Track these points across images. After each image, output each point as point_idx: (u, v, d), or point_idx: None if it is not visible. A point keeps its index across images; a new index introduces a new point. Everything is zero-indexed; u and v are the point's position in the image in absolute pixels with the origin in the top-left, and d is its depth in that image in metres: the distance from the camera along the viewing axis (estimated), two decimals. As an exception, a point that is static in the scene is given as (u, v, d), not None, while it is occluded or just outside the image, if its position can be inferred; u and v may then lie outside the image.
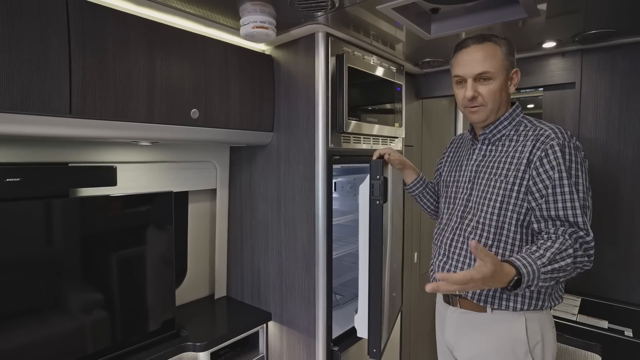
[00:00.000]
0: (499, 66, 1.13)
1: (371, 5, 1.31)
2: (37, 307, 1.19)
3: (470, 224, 1.19)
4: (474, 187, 1.21)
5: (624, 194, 1.74)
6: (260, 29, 1.36)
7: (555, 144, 1.07)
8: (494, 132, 1.21)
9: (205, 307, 1.86)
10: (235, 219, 1.92)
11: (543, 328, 1.13)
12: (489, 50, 1.14)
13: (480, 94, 1.15)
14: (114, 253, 1.37)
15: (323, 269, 1.57)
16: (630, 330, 1.49)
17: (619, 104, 1.74)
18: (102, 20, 1.15)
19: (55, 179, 1.26)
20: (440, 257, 1.28)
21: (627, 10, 1.39)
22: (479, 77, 1.14)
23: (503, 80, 1.15)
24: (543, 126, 1.14)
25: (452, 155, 1.41)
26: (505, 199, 1.12)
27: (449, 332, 1.27)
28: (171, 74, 1.33)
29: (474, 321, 1.19)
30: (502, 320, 1.14)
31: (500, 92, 1.15)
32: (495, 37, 1.16)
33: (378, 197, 1.35)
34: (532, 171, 1.09)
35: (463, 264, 1.20)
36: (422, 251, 2.50)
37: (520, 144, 1.14)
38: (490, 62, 1.13)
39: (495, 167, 1.17)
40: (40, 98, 1.03)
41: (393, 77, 1.93)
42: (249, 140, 1.65)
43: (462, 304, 1.21)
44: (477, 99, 1.16)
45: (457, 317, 1.23)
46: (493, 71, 1.13)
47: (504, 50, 1.14)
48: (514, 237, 1.13)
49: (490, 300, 1.14)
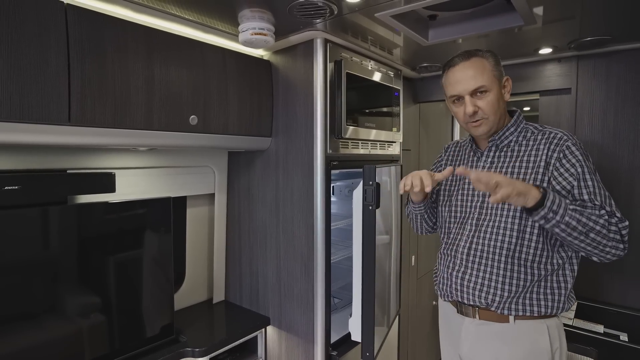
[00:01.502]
0: (491, 78, 1.16)
1: (370, 12, 1.32)
2: (35, 315, 1.19)
3: (487, 229, 1.18)
4: (487, 194, 1.19)
5: (618, 198, 1.75)
6: (259, 35, 1.36)
7: (571, 144, 1.12)
8: (502, 138, 1.22)
9: (204, 311, 1.86)
10: (233, 224, 1.93)
11: (560, 333, 1.15)
12: (477, 64, 1.16)
13: (480, 108, 1.16)
14: (113, 259, 1.37)
15: (321, 273, 1.57)
16: (625, 335, 1.51)
17: (614, 110, 1.75)
18: (100, 28, 1.15)
19: (53, 187, 1.26)
20: (457, 267, 1.24)
21: (622, 18, 1.41)
22: (475, 92, 1.16)
23: (498, 90, 1.17)
24: (551, 130, 1.18)
25: (450, 162, 1.41)
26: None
27: (465, 345, 1.22)
28: (170, 81, 1.33)
29: (494, 332, 1.16)
30: (526, 330, 1.13)
31: (498, 102, 1.17)
32: (480, 51, 1.19)
33: (371, 203, 1.36)
34: (552, 172, 1.12)
35: (484, 272, 1.18)
36: (419, 254, 2.51)
37: (533, 148, 1.17)
38: (482, 76, 1.15)
39: (510, 173, 1.18)
40: (38, 106, 1.03)
41: (391, 82, 1.94)
42: (247, 145, 1.66)
43: (482, 315, 1.19)
44: (478, 114, 1.17)
45: (474, 328, 1.20)
46: (487, 84, 1.15)
47: (491, 62, 1.17)
48: (537, 239, 1.13)
49: (515, 308, 1.13)
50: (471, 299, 1.20)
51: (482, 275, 1.18)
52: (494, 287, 1.16)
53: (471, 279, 1.20)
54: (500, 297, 1.15)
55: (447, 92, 1.24)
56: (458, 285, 1.23)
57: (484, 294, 1.17)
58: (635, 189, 1.72)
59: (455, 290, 1.24)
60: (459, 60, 1.18)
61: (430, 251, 2.63)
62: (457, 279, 1.23)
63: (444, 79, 1.24)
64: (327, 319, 1.59)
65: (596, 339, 1.51)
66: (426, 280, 2.60)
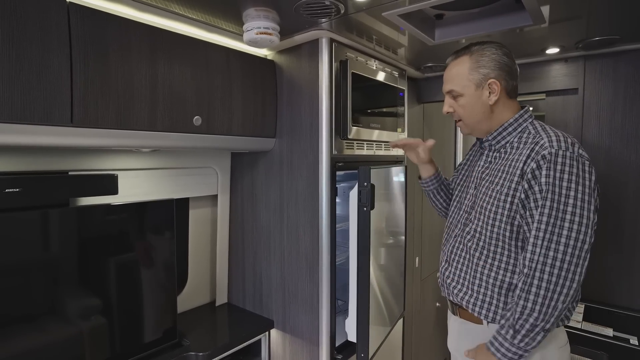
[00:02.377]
0: (464, 81, 1.15)
1: (377, 11, 1.30)
2: (36, 318, 1.17)
3: (470, 231, 1.19)
4: (477, 195, 1.19)
5: (627, 199, 1.74)
6: (264, 35, 1.34)
7: (547, 154, 1.01)
8: (498, 138, 1.18)
9: (207, 314, 1.83)
10: (236, 225, 1.90)
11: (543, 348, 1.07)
12: (457, 66, 1.17)
13: (455, 110, 1.21)
14: (115, 261, 1.35)
15: (326, 276, 1.55)
16: (635, 339, 1.48)
17: (622, 110, 1.74)
18: (103, 27, 1.13)
19: (55, 189, 1.23)
20: (444, 264, 1.29)
21: (631, 17, 1.39)
22: (450, 94, 1.20)
23: (473, 94, 1.15)
24: (543, 134, 1.07)
25: (469, 160, 1.39)
26: (499, 209, 1.09)
27: (451, 340, 1.30)
28: (174, 81, 1.31)
29: (471, 332, 1.20)
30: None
31: (473, 106, 1.16)
32: (475, 45, 1.16)
33: (365, 204, 1.35)
34: (524, 184, 1.04)
35: (460, 271, 1.21)
36: (423, 256, 2.49)
37: (517, 153, 1.10)
38: (454, 80, 1.17)
39: (494, 176, 1.15)
40: (41, 107, 1.01)
41: (395, 82, 1.92)
42: (251, 146, 1.64)
43: (462, 314, 1.22)
44: (453, 114, 1.22)
45: (458, 326, 1.25)
46: (458, 89, 1.17)
47: (471, 63, 1.14)
48: (509, 248, 1.10)
49: (485, 313, 1.14)
50: (452, 297, 1.24)
51: (459, 274, 1.21)
52: (469, 288, 1.18)
53: (451, 276, 1.24)
54: (474, 298, 1.16)
55: None
56: (443, 282, 1.28)
57: (461, 294, 1.20)
58: (644, 190, 1.71)
59: (442, 287, 1.30)
60: (450, 58, 1.21)
61: (434, 253, 2.61)
62: (442, 275, 1.29)
63: None
64: (332, 321, 1.58)
65: (606, 342, 1.49)
66: (430, 281, 2.58)
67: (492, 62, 1.13)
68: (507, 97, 1.17)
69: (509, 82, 1.15)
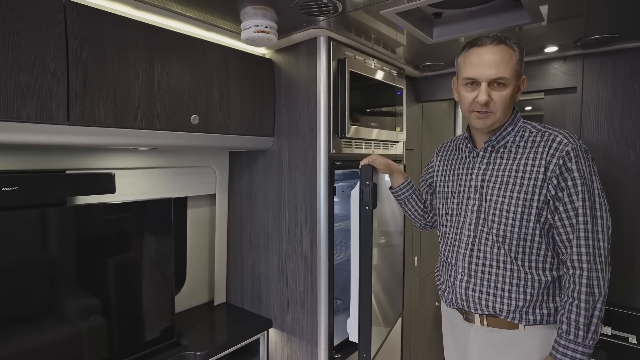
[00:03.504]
0: (513, 72, 1.08)
1: (374, 10, 1.29)
2: (34, 318, 1.16)
3: (489, 237, 1.14)
4: (484, 198, 1.16)
5: (626, 198, 1.74)
6: (262, 33, 1.34)
7: (571, 150, 1.05)
8: (499, 138, 1.16)
9: (205, 314, 1.83)
10: (235, 225, 1.90)
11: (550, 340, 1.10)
12: (505, 53, 1.07)
13: (493, 100, 1.09)
14: (112, 261, 1.35)
15: (325, 275, 1.55)
16: (634, 337, 1.48)
17: (621, 109, 1.73)
18: (100, 25, 1.12)
19: (52, 188, 1.23)
20: (460, 277, 1.21)
21: (629, 16, 1.38)
22: (494, 82, 1.08)
23: (514, 88, 1.11)
24: (551, 131, 1.11)
25: (443, 164, 1.35)
26: (526, 209, 1.08)
27: (474, 352, 1.20)
28: (171, 79, 1.30)
29: (503, 338, 1.14)
30: (536, 335, 1.11)
31: (511, 100, 1.11)
32: (509, 39, 1.10)
33: (367, 203, 1.34)
34: (551, 180, 1.06)
35: (489, 280, 1.15)
36: (422, 255, 2.49)
37: (532, 151, 1.10)
38: (507, 67, 1.07)
39: (507, 177, 1.12)
40: (37, 106, 1.00)
41: (394, 81, 1.92)
42: (249, 145, 1.63)
43: (490, 322, 1.16)
44: (488, 105, 1.09)
45: (482, 335, 1.18)
46: (508, 77, 1.07)
47: (518, 55, 1.09)
48: (539, 247, 1.10)
49: (525, 317, 1.11)
50: (478, 308, 1.17)
51: (487, 284, 1.15)
52: (500, 296, 1.13)
53: (476, 288, 1.17)
54: (509, 305, 1.12)
55: (462, 73, 1.14)
56: (463, 295, 1.20)
57: (490, 303, 1.14)
58: (643, 189, 1.70)
59: (460, 300, 1.21)
60: (488, 41, 1.08)
61: (433, 252, 2.61)
62: (462, 289, 1.20)
63: (462, 57, 1.14)
64: (331, 321, 1.57)
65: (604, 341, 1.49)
66: (429, 281, 2.58)
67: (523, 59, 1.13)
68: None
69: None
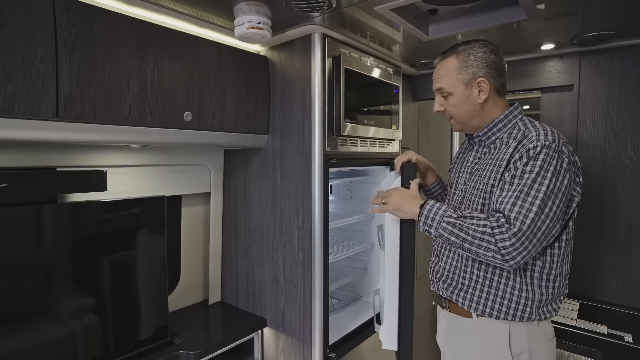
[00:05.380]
0: (453, 80, 1.16)
1: (369, 6, 1.28)
2: (25, 317, 1.15)
3: None
4: (467, 190, 1.21)
5: (622, 196, 1.73)
6: (255, 29, 1.32)
7: (532, 147, 1.04)
8: (488, 134, 1.20)
9: (199, 313, 1.82)
10: (229, 223, 1.89)
11: (532, 340, 1.10)
12: (446, 65, 1.18)
13: (445, 108, 1.22)
14: (104, 260, 1.33)
15: (319, 274, 1.54)
16: (630, 336, 1.48)
17: (617, 107, 1.73)
18: (90, 20, 1.11)
19: (42, 185, 1.21)
20: (434, 258, 1.30)
21: (626, 13, 1.38)
22: (439, 94, 1.21)
23: (462, 93, 1.16)
24: (532, 128, 1.10)
25: (459, 156, 1.39)
26: (487, 201, 1.12)
27: (440, 335, 1.29)
28: (163, 76, 1.29)
29: (460, 326, 1.20)
30: (486, 327, 1.14)
31: (463, 105, 1.17)
32: (461, 45, 1.17)
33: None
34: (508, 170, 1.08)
35: (451, 265, 1.21)
36: (418, 254, 2.48)
37: (506, 146, 1.13)
38: (443, 79, 1.18)
39: (482, 169, 1.17)
40: (25, 101, 0.99)
41: (390, 79, 1.90)
42: (243, 143, 1.62)
43: (451, 308, 1.22)
44: (445, 113, 1.23)
45: (446, 320, 1.25)
46: (447, 88, 1.17)
47: (459, 63, 1.15)
48: None
49: (475, 306, 1.14)
50: (441, 291, 1.25)
51: (448, 268, 1.22)
52: (456, 282, 1.19)
53: (439, 270, 1.25)
54: (463, 292, 1.17)
55: None
56: (432, 277, 1.29)
57: (448, 287, 1.21)
58: (639, 186, 1.69)
59: (431, 281, 1.30)
60: (438, 58, 1.22)
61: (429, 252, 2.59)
62: (432, 270, 1.29)
63: None
64: (325, 320, 1.56)
65: (600, 340, 1.48)
66: (425, 280, 2.57)
67: (480, 60, 1.14)
68: (497, 94, 1.18)
69: (497, 79, 1.16)
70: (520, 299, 1.09)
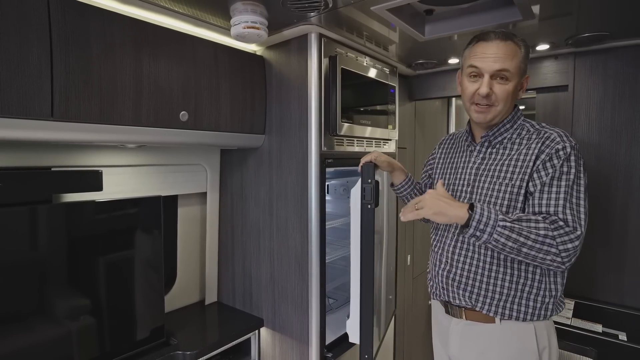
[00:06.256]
0: (517, 68, 1.10)
1: (365, 6, 1.28)
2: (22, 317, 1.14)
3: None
4: (475, 192, 1.18)
5: (616, 196, 1.75)
6: (252, 29, 1.32)
7: (561, 148, 1.06)
8: (496, 134, 1.18)
9: (196, 313, 1.81)
10: (226, 223, 1.88)
11: (550, 334, 1.13)
12: (510, 48, 1.10)
13: (495, 93, 1.11)
14: (100, 260, 1.32)
15: (316, 274, 1.54)
16: (624, 334, 1.49)
17: (612, 107, 1.74)
18: (86, 19, 1.10)
19: (37, 185, 1.21)
20: (443, 265, 1.23)
21: (621, 14, 1.39)
22: (497, 75, 1.10)
23: (517, 83, 1.13)
24: (547, 130, 1.12)
25: (443, 157, 1.38)
26: (512, 202, 1.10)
27: (454, 345, 1.22)
28: (159, 75, 1.29)
29: (480, 332, 1.15)
30: (511, 330, 1.12)
31: (513, 95, 1.13)
32: (517, 37, 1.13)
33: (369, 201, 1.32)
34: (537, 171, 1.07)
35: (469, 272, 1.16)
36: (415, 254, 2.49)
37: (525, 147, 1.12)
38: (511, 62, 1.09)
39: (499, 170, 1.14)
40: (20, 100, 0.98)
41: (386, 79, 1.91)
42: (240, 143, 1.62)
43: (468, 316, 1.18)
44: (490, 97, 1.11)
45: (462, 329, 1.20)
46: (512, 71, 1.09)
47: (523, 53, 1.12)
48: None
49: (501, 311, 1.11)
50: (457, 299, 1.19)
51: (467, 275, 1.16)
52: (477, 288, 1.14)
53: (455, 277, 1.19)
54: (484, 297, 1.13)
55: (466, 63, 1.16)
56: (444, 284, 1.22)
57: (467, 294, 1.16)
58: (633, 186, 1.71)
59: (442, 289, 1.23)
60: (495, 36, 1.11)
61: (426, 251, 2.61)
62: (443, 277, 1.22)
63: (468, 50, 1.17)
64: (322, 319, 1.56)
65: (595, 338, 1.49)
66: (422, 280, 2.58)
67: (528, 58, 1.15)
68: None
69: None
70: (544, 298, 1.10)
